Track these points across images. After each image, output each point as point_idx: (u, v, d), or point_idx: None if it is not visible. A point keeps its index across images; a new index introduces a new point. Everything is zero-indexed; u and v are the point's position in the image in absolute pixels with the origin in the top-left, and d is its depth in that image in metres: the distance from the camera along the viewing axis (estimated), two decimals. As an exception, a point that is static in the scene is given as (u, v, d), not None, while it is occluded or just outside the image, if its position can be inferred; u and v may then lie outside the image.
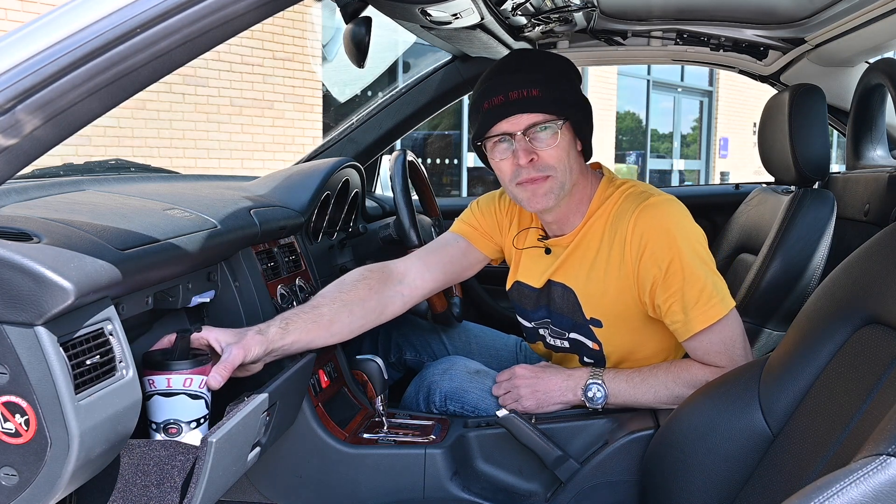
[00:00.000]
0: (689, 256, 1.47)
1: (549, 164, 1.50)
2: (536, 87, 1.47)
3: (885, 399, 0.99)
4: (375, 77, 8.52)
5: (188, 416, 1.22)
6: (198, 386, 1.22)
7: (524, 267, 1.72)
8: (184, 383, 1.21)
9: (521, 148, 1.49)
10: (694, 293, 1.46)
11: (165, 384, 1.20)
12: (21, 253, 0.96)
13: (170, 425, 1.21)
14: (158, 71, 0.99)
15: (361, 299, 1.57)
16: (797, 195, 1.81)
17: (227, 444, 1.14)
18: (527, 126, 1.48)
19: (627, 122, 14.32)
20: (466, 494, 1.53)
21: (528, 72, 1.50)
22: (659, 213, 1.50)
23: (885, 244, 1.15)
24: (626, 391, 1.54)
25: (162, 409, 1.21)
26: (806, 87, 1.89)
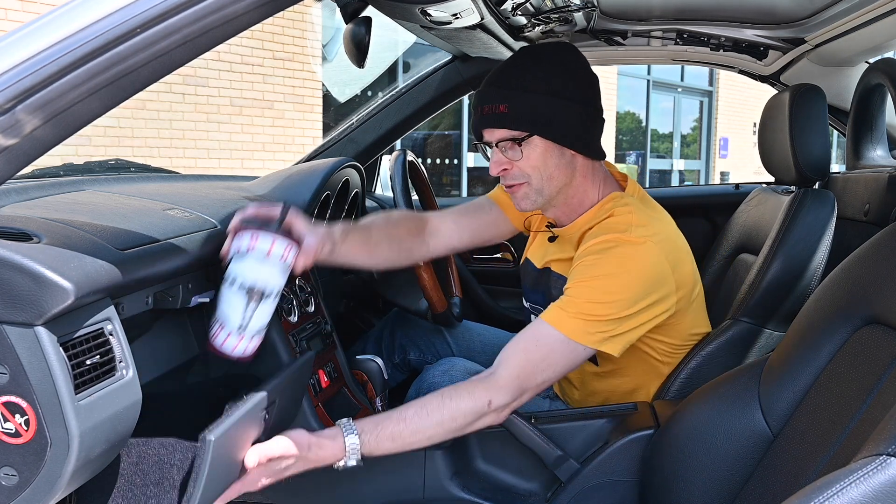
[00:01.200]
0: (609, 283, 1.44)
1: (523, 173, 1.53)
2: (505, 101, 1.50)
3: (885, 399, 0.99)
4: (375, 77, 8.52)
5: (273, 285, 1.23)
6: (291, 261, 1.25)
7: (533, 246, 1.77)
8: (284, 251, 1.23)
9: (494, 160, 1.55)
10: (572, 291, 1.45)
11: (268, 247, 1.21)
12: (21, 253, 0.96)
13: (256, 287, 1.21)
14: (158, 71, 0.99)
15: (400, 238, 1.68)
16: (797, 195, 1.81)
17: (226, 443, 1.14)
18: (498, 139, 1.52)
19: (627, 122, 14.32)
20: (466, 494, 1.53)
21: (502, 85, 1.52)
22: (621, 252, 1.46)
23: (885, 244, 1.15)
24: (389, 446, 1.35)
25: (254, 270, 1.21)
26: (806, 87, 1.89)
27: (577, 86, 1.54)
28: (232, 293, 1.22)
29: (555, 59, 1.55)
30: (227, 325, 1.22)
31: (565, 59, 1.56)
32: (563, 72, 1.54)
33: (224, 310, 1.23)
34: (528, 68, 1.53)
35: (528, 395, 1.44)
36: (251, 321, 1.22)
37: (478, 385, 1.41)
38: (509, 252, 2.79)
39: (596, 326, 1.43)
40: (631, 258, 1.46)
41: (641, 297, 1.46)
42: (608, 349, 1.46)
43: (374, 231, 1.62)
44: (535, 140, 1.51)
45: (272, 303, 1.24)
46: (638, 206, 1.57)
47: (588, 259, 1.48)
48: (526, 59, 1.55)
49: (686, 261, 1.59)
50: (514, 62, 1.56)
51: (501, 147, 1.52)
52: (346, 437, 1.30)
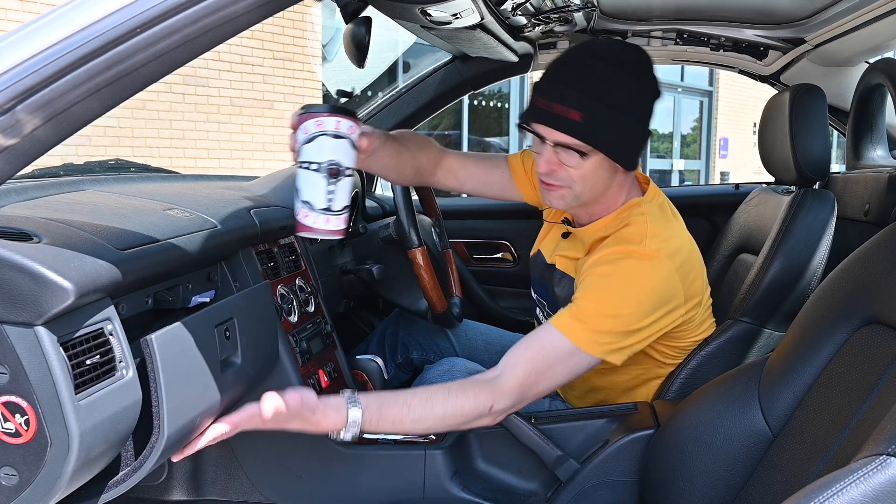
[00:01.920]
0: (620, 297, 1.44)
1: (570, 179, 1.49)
2: (581, 110, 1.42)
3: (885, 399, 0.99)
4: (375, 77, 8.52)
5: (347, 161, 1.27)
6: (356, 136, 1.29)
7: (547, 239, 1.76)
8: (349, 128, 1.27)
9: (545, 158, 1.48)
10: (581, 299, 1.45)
11: (335, 125, 1.25)
12: (21, 253, 0.96)
13: (332, 165, 1.25)
14: (158, 71, 0.99)
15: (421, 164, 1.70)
16: (798, 195, 1.81)
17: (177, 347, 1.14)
18: (558, 142, 1.46)
19: (627, 122, 14.29)
20: (466, 494, 1.53)
21: (580, 89, 1.43)
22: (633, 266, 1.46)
23: (885, 244, 1.15)
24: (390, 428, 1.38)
25: (327, 149, 1.25)
26: (807, 87, 1.89)
27: (647, 103, 1.49)
28: (311, 175, 1.26)
29: (635, 70, 1.48)
30: (314, 206, 1.27)
31: (643, 72, 1.49)
32: (640, 87, 1.48)
33: (306, 194, 1.27)
34: (609, 77, 1.44)
35: (527, 402, 1.45)
36: (335, 200, 1.27)
37: (484, 388, 1.41)
38: (509, 252, 2.79)
39: (604, 338, 1.44)
40: (642, 272, 1.46)
41: (651, 311, 1.46)
42: (612, 359, 1.46)
43: (405, 149, 1.64)
44: (596, 155, 1.46)
45: (350, 180, 1.30)
46: (654, 215, 1.55)
47: (600, 269, 1.48)
48: (607, 64, 1.45)
49: (698, 272, 1.58)
50: (594, 65, 1.45)
51: (558, 150, 1.47)
52: (350, 410, 1.30)
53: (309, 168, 1.26)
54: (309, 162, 1.26)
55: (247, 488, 1.59)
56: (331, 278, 2.02)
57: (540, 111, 1.47)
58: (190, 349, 1.18)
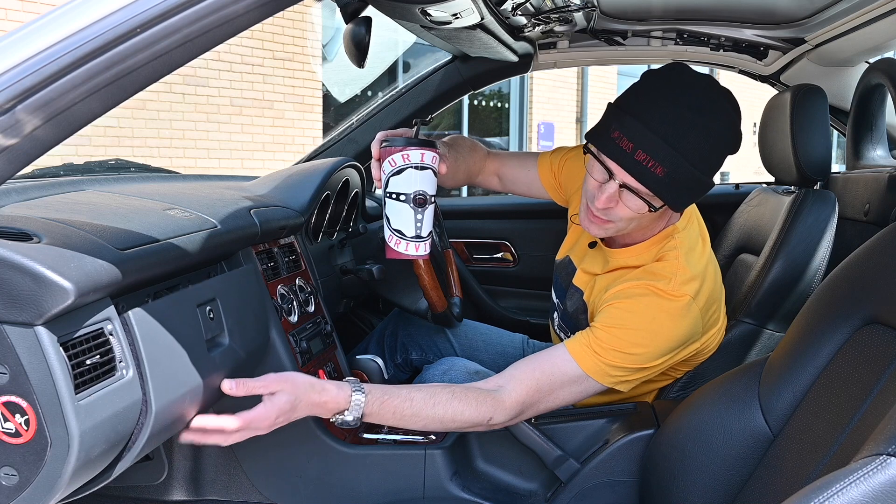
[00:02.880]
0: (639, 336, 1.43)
1: (622, 218, 1.43)
2: (668, 167, 1.32)
3: (885, 399, 0.99)
4: (375, 77, 8.52)
5: (431, 190, 1.37)
6: (437, 165, 1.37)
7: (577, 247, 1.73)
8: (432, 160, 1.35)
9: (608, 195, 1.39)
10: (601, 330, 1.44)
11: (419, 158, 1.34)
12: (21, 253, 0.96)
13: (419, 195, 1.35)
14: (158, 71, 0.99)
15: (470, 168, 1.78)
16: (799, 196, 1.81)
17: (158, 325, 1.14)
18: (627, 183, 1.38)
19: (627, 122, 14.28)
20: (466, 494, 1.53)
21: (674, 144, 1.32)
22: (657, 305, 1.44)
23: (885, 244, 1.15)
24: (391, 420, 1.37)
25: (414, 181, 1.34)
26: (807, 87, 1.89)
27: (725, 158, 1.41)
28: (400, 206, 1.36)
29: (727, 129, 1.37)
30: (405, 234, 1.37)
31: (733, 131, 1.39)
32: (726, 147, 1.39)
33: (397, 223, 1.37)
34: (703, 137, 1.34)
35: (524, 418, 1.47)
36: (423, 226, 1.37)
37: (486, 399, 1.41)
38: (509, 252, 2.79)
39: (616, 371, 1.44)
40: (666, 313, 1.44)
41: (667, 351, 1.46)
42: (620, 388, 1.47)
43: (459, 156, 1.70)
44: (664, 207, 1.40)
45: (433, 206, 1.39)
46: (686, 249, 1.51)
47: (624, 304, 1.45)
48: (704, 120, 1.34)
49: (718, 303, 1.58)
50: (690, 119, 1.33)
51: (624, 192, 1.39)
52: (353, 393, 1.31)
53: (398, 199, 1.36)
54: (398, 193, 1.36)
55: (247, 488, 1.58)
56: (331, 278, 2.02)
57: (620, 151, 1.35)
58: (172, 327, 1.18)
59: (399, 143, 1.36)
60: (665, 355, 1.47)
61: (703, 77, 1.40)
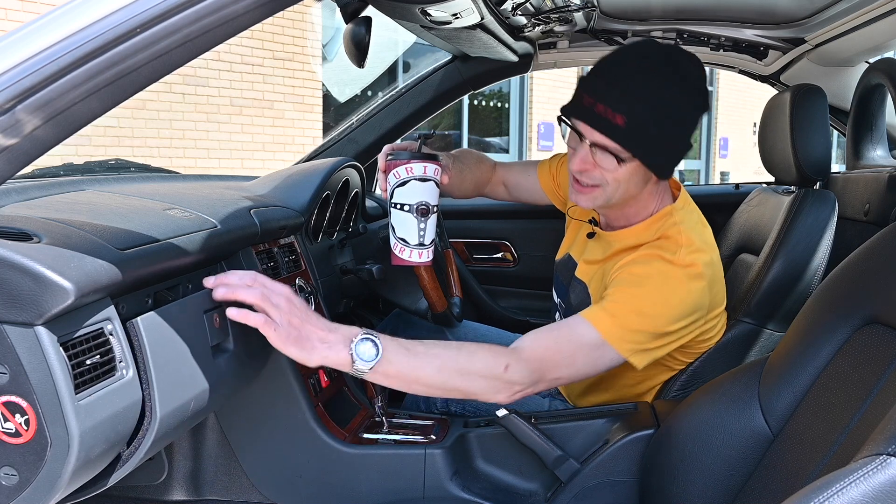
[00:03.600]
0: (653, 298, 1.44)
1: (603, 180, 1.47)
2: (623, 112, 1.38)
3: (885, 399, 0.99)
4: (375, 77, 8.52)
5: (433, 200, 1.45)
6: (439, 177, 1.46)
7: (576, 243, 1.75)
8: (434, 171, 1.44)
9: (581, 156, 1.47)
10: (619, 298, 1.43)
11: (422, 171, 1.43)
12: (21, 253, 0.96)
13: (421, 206, 1.43)
14: (158, 71, 0.99)
15: (478, 180, 1.86)
16: (798, 196, 1.81)
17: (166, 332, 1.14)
18: (596, 142, 1.44)
19: (627, 122, 14.28)
20: (466, 494, 1.53)
21: (627, 92, 1.40)
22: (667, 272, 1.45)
23: (885, 244, 1.15)
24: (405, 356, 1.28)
25: (416, 192, 1.43)
26: (807, 87, 1.89)
27: (693, 113, 1.46)
28: (404, 216, 1.44)
29: (685, 78, 1.44)
30: (409, 243, 1.45)
31: (694, 82, 1.45)
32: (688, 97, 1.44)
33: (401, 232, 1.46)
34: (658, 82, 1.41)
35: (542, 387, 1.41)
36: (426, 235, 1.46)
37: (501, 349, 1.38)
38: (509, 252, 2.79)
39: (632, 336, 1.43)
40: (677, 279, 1.45)
41: (679, 318, 1.46)
42: (635, 361, 1.45)
43: (466, 168, 1.79)
44: (633, 162, 1.44)
45: (435, 216, 1.47)
46: (688, 225, 1.53)
47: (635, 269, 1.47)
48: (658, 68, 1.42)
49: (721, 284, 1.58)
50: (645, 66, 1.42)
51: (595, 150, 1.45)
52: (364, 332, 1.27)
53: (402, 209, 1.44)
54: (402, 204, 1.44)
55: (247, 488, 1.59)
56: (331, 278, 2.02)
57: (583, 108, 1.44)
58: (179, 333, 1.18)
59: (403, 156, 1.44)
60: (678, 321, 1.45)
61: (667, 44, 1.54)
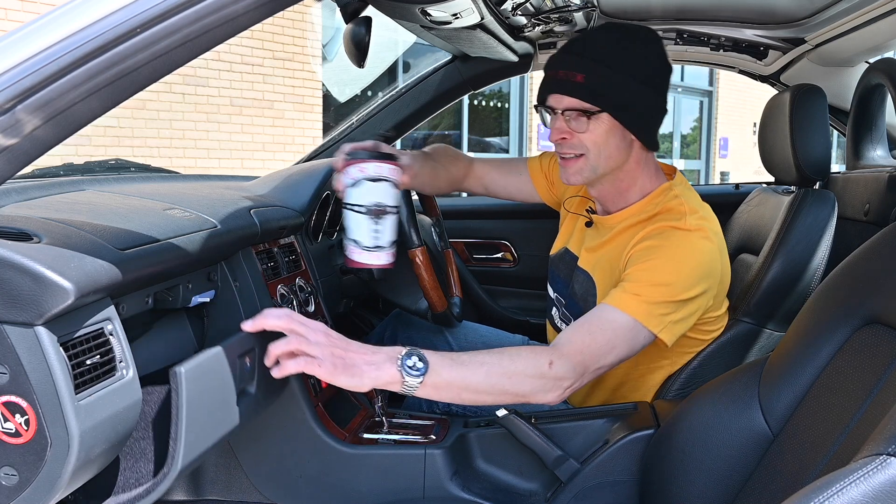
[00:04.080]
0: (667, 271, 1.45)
1: (582, 146, 1.54)
2: (583, 72, 1.49)
3: (885, 399, 0.99)
4: (375, 77, 8.52)
5: (389, 201, 1.40)
6: (397, 177, 1.41)
7: (572, 235, 1.77)
8: (389, 172, 1.39)
9: (556, 126, 1.55)
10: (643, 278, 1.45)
11: (376, 171, 1.38)
12: (21, 253, 0.96)
13: (377, 207, 1.38)
14: (158, 71, 0.99)
15: (454, 175, 1.85)
16: (798, 195, 1.81)
17: (203, 381, 1.14)
18: (567, 107, 1.52)
19: (627, 122, 14.29)
20: (466, 494, 1.53)
21: (583, 54, 1.51)
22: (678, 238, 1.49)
23: (886, 244, 1.15)
24: (451, 366, 1.28)
25: (370, 193, 1.38)
26: (807, 87, 1.89)
27: (655, 71, 1.55)
28: (357, 217, 1.39)
29: (639, 40, 1.55)
30: (361, 244, 1.40)
31: (649, 45, 1.55)
32: (645, 54, 1.54)
33: (354, 234, 1.41)
34: (612, 42, 1.52)
35: (588, 378, 1.42)
36: (381, 237, 1.41)
37: (540, 348, 1.41)
38: (509, 252, 2.79)
39: (658, 309, 1.45)
40: (689, 243, 1.49)
41: (696, 282, 1.48)
42: (665, 337, 1.47)
43: (440, 166, 1.78)
44: (603, 117, 1.51)
45: (394, 217, 1.42)
46: (688, 197, 1.60)
47: (647, 243, 1.50)
48: (611, 33, 1.55)
49: (727, 255, 1.62)
50: (599, 34, 1.55)
51: (567, 116, 1.53)
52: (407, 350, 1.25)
53: (355, 210, 1.39)
54: (354, 204, 1.39)
55: (247, 488, 1.58)
56: (331, 278, 2.02)
57: (547, 83, 1.55)
58: (214, 381, 1.18)
59: (358, 155, 1.39)
60: (696, 286, 1.47)
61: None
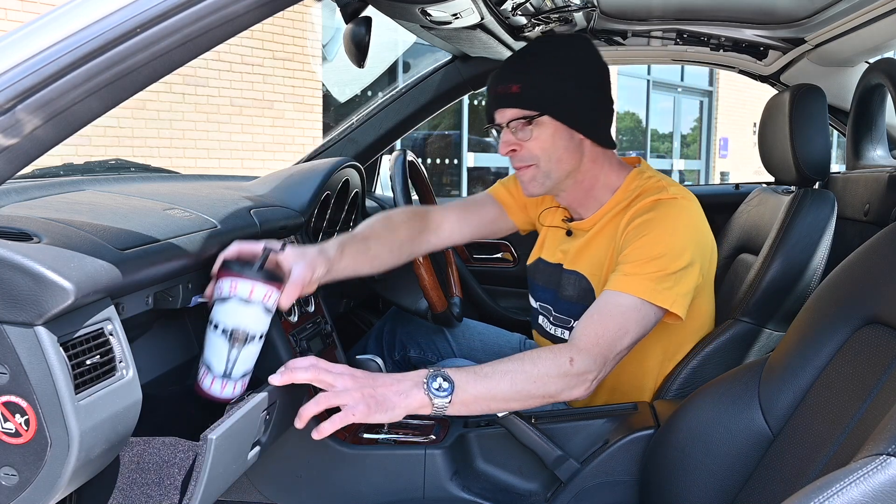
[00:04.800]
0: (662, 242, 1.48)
1: (532, 154, 1.57)
2: (517, 82, 1.54)
3: (885, 399, 0.99)
4: (375, 77, 8.52)
5: (257, 328, 1.24)
6: (273, 302, 1.25)
7: (548, 244, 1.79)
8: (263, 296, 1.23)
9: (504, 140, 1.59)
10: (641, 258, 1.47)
11: (248, 293, 1.21)
12: (21, 253, 0.96)
13: (238, 331, 1.21)
14: (158, 71, 0.99)
15: (401, 241, 1.68)
16: (798, 195, 1.81)
17: (227, 443, 1.14)
18: (509, 119, 1.56)
19: (627, 122, 14.33)
20: (466, 494, 1.53)
21: (516, 68, 1.58)
22: (661, 209, 1.53)
23: (886, 244, 1.15)
24: (475, 381, 1.31)
25: (235, 314, 1.21)
26: (807, 87, 1.89)
27: (589, 72, 1.59)
28: (216, 337, 1.23)
29: (570, 47, 1.60)
30: (213, 369, 1.24)
31: (580, 49, 1.61)
32: (577, 59, 1.59)
33: (208, 354, 1.24)
34: (543, 52, 1.58)
35: (610, 366, 1.42)
36: (235, 366, 1.23)
37: (557, 346, 1.41)
38: (509, 252, 2.79)
39: (661, 283, 1.46)
40: (676, 211, 1.53)
41: (688, 245, 1.50)
42: (677, 309, 1.47)
43: (373, 240, 1.60)
44: (544, 120, 1.54)
45: (257, 345, 1.25)
46: (661, 176, 1.64)
47: (637, 221, 1.53)
48: (541, 45, 1.63)
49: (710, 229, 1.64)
50: (530, 47, 1.63)
51: (512, 128, 1.56)
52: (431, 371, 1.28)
53: (215, 329, 1.22)
54: (216, 323, 1.22)
55: (247, 488, 1.59)
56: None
57: (489, 100, 1.61)
58: (236, 441, 1.18)
59: (235, 268, 1.23)
60: (688, 250, 1.49)
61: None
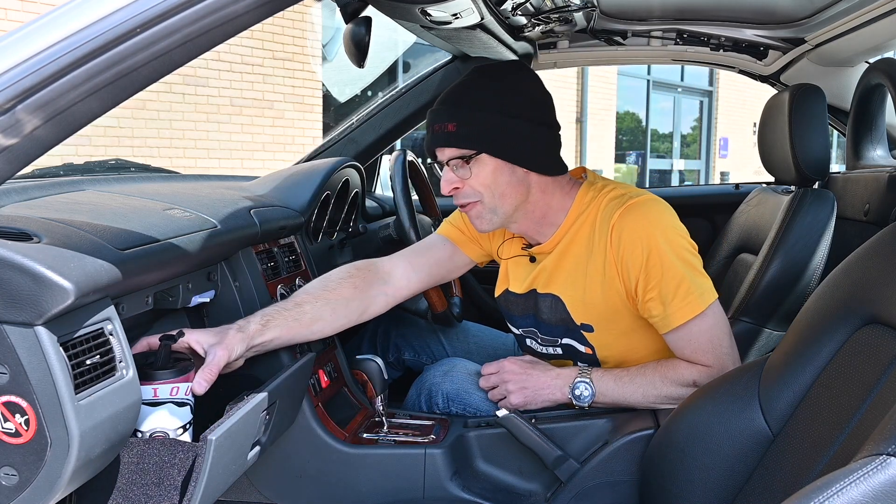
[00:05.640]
0: (666, 251, 1.47)
1: (474, 191, 1.53)
2: (453, 120, 1.51)
3: (885, 399, 0.99)
4: (375, 77, 8.52)
5: (174, 425, 1.18)
6: (184, 393, 1.19)
7: (512, 275, 1.73)
8: (170, 392, 1.18)
9: (445, 178, 1.56)
10: (671, 287, 1.47)
11: (152, 395, 1.16)
12: (21, 253, 0.96)
13: (157, 433, 1.17)
14: (158, 71, 0.99)
15: (346, 298, 1.57)
16: (797, 195, 1.81)
17: (227, 443, 1.14)
18: (448, 158, 1.53)
19: (627, 122, 14.32)
20: (466, 494, 1.53)
21: (451, 104, 1.53)
22: (639, 213, 1.50)
23: (885, 244, 1.15)
24: (614, 390, 1.54)
25: (148, 419, 1.17)
26: (806, 87, 1.89)
27: (526, 104, 1.53)
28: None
29: (505, 78, 1.54)
30: None
31: (516, 78, 1.55)
32: (512, 90, 1.53)
33: None
34: (478, 87, 1.53)
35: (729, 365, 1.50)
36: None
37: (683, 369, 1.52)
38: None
39: (699, 280, 1.49)
40: (650, 210, 1.51)
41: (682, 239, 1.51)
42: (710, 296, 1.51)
43: (308, 304, 1.50)
44: (483, 158, 1.51)
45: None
46: (607, 179, 1.64)
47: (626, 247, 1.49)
48: (476, 77, 1.56)
49: None
50: (465, 81, 1.56)
51: (452, 166, 1.53)
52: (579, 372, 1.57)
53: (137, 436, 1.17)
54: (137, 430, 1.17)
55: (247, 488, 1.59)
56: (331, 278, 2.01)
57: (428, 138, 1.57)
58: (236, 441, 1.18)
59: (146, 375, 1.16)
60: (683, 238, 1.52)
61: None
